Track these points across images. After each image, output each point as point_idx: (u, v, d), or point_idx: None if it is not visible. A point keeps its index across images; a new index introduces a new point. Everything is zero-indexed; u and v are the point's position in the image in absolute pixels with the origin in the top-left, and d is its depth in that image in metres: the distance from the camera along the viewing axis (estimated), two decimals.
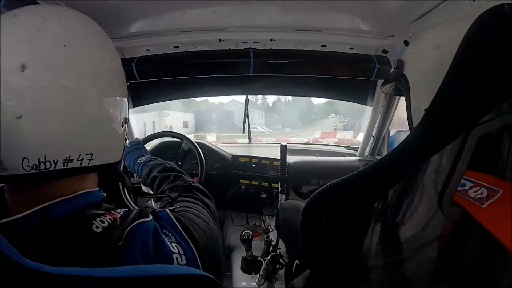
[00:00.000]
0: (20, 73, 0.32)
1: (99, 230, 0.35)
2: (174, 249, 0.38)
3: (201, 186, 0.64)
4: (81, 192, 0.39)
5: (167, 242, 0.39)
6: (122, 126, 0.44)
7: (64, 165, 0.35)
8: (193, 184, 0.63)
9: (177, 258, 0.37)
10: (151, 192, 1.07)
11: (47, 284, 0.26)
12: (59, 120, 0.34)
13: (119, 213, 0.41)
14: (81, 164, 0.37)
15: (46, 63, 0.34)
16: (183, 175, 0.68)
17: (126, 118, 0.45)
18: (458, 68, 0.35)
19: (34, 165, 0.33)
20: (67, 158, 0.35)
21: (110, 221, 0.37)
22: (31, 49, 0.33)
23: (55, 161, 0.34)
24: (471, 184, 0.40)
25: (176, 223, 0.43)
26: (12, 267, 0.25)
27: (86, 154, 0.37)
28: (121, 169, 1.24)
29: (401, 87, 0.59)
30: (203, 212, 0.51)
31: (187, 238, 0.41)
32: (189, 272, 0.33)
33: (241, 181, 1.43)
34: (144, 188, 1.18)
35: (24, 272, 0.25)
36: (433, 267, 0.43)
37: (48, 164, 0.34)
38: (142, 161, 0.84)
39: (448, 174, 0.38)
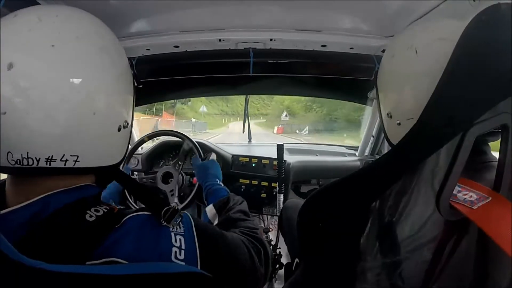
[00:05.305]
0: (6, 71, 0.32)
1: (92, 219, 0.36)
2: (176, 242, 0.38)
3: (262, 239, 0.57)
4: (77, 185, 0.39)
5: (171, 233, 0.39)
6: (119, 130, 0.43)
7: (46, 164, 0.35)
8: (255, 234, 0.57)
9: (175, 252, 0.37)
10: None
11: (44, 282, 0.26)
12: (41, 120, 0.34)
13: (119, 207, 0.41)
14: (65, 164, 0.36)
15: (32, 63, 0.34)
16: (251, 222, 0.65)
17: (126, 122, 0.44)
18: (455, 67, 0.35)
19: (18, 160, 0.34)
20: (50, 158, 0.35)
21: (105, 210, 0.38)
22: (19, 48, 0.33)
23: (37, 159, 0.35)
24: (459, 189, 0.40)
25: (192, 221, 0.43)
26: (11, 265, 0.25)
27: (71, 155, 0.37)
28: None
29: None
30: (234, 238, 0.48)
31: (195, 236, 0.41)
32: (186, 270, 0.33)
33: (241, 180, 1.43)
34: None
35: (22, 270, 0.25)
36: (431, 268, 0.43)
37: (30, 160, 0.34)
38: (217, 187, 0.86)
39: (446, 173, 0.38)
